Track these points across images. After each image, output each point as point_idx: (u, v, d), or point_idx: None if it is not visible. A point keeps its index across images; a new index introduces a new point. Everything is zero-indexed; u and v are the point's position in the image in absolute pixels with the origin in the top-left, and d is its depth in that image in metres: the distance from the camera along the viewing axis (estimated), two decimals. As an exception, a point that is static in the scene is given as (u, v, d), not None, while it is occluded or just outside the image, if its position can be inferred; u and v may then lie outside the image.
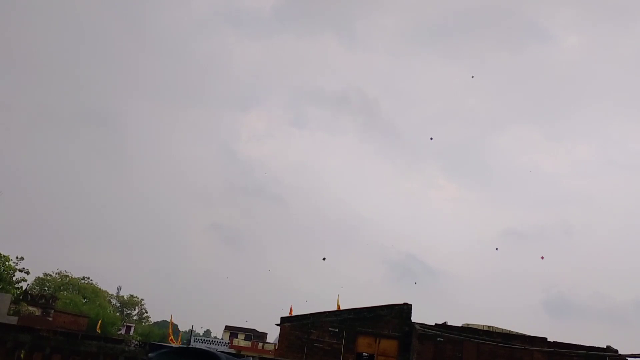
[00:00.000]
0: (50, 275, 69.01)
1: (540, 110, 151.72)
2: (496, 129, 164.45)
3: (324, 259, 79.28)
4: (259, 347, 61.24)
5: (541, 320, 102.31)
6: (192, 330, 70.53)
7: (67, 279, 70.60)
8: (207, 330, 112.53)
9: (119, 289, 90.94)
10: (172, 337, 47.37)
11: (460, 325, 25.69)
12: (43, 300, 49.23)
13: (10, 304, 39.23)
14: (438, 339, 23.99)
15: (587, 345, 24.43)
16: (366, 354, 25.43)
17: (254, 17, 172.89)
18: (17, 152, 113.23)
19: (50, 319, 45.78)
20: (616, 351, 23.81)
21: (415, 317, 25.93)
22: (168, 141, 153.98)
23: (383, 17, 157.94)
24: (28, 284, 55.47)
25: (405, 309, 25.89)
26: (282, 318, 26.49)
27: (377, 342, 25.55)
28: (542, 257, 40.85)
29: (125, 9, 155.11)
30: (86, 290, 71.23)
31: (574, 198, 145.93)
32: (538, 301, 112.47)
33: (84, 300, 67.82)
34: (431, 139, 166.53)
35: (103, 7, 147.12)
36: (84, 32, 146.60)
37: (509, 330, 25.89)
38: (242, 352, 36.97)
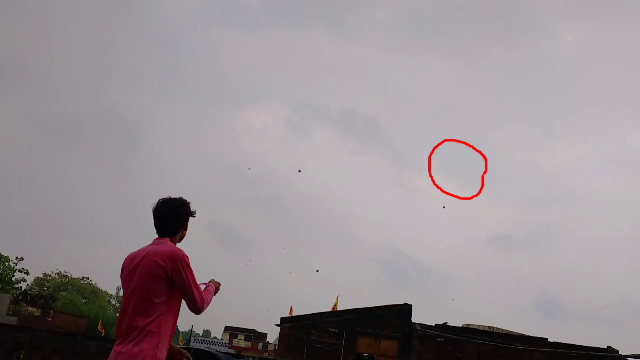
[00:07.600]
0: (50, 275, 68.86)
1: (537, 107, 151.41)
2: (492, 127, 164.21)
3: (317, 270, 78.74)
4: (258, 348, 61.22)
5: (535, 320, 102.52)
6: (192, 331, 70.44)
7: (67, 279, 70.48)
8: (207, 330, 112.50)
9: (118, 289, 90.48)
10: None
11: (460, 325, 25.65)
12: (42, 301, 49.21)
13: (10, 304, 39.22)
14: (438, 339, 23.96)
15: (588, 345, 24.39)
16: (366, 355, 25.38)
17: (251, 17, 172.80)
18: (18, 152, 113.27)
19: (50, 319, 45.71)
20: (617, 351, 23.76)
21: (415, 318, 25.92)
22: (167, 141, 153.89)
23: (374, 10, 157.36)
24: (27, 284, 55.56)
25: (406, 309, 25.87)
26: (282, 318, 26.45)
27: (377, 342, 25.50)
28: None
29: (117, 3, 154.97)
30: (86, 290, 71.16)
31: (570, 196, 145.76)
32: (529, 301, 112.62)
33: (84, 301, 67.81)
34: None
35: (97, 4, 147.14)
36: (69, 25, 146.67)
37: (510, 331, 25.86)
38: (241, 353, 36.92)
